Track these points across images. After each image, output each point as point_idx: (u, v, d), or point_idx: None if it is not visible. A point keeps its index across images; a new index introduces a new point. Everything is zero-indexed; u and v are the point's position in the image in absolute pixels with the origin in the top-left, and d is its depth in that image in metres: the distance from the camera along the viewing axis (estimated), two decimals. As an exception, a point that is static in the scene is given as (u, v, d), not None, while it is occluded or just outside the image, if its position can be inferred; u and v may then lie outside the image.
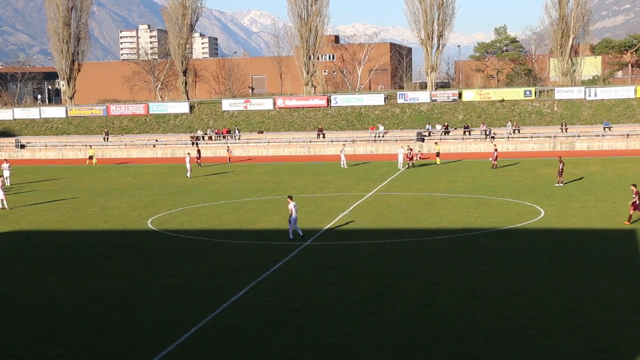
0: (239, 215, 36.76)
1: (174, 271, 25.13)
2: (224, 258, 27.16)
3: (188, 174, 55.57)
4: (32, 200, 44.83)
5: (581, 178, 47.82)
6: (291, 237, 29.68)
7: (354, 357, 16.48)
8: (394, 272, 24.09)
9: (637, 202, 31.64)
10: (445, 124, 79.19)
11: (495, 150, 56.92)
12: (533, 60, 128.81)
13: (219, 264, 26.07)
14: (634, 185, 32.39)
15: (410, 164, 57.69)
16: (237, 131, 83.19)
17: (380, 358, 16.35)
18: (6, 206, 41.48)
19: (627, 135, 71.74)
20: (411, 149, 59.26)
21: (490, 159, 56.21)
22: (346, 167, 59.41)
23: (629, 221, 31.66)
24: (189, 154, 58.96)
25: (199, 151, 66.55)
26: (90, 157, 72.25)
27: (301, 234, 29.94)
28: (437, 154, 61.91)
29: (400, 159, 58.22)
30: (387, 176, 52.52)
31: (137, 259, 27.40)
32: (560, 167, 44.82)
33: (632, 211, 31.79)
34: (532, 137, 73.87)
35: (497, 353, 16.41)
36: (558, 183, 44.57)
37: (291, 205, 29.56)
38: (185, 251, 28.65)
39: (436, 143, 65.75)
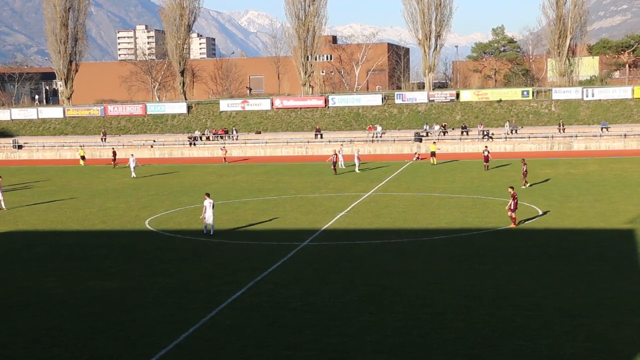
0: (237, 216, 36.75)
1: (171, 271, 25.12)
2: (221, 258, 27.15)
3: (133, 174, 57.11)
4: (30, 201, 44.79)
5: (547, 180, 47.58)
6: (208, 232, 31.47)
7: (352, 357, 16.48)
8: (391, 272, 24.08)
9: (514, 205, 31.44)
10: (443, 124, 79.23)
11: (486, 151, 56.31)
12: (530, 61, 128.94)
13: (216, 264, 26.06)
14: (512, 188, 32.46)
15: (336, 167, 55.22)
16: (234, 131, 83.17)
17: (378, 358, 16.34)
18: (4, 207, 41.42)
19: (625, 135, 71.84)
20: (336, 154, 56.72)
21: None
22: (344, 167, 59.39)
23: (514, 224, 31.47)
24: (132, 154, 60.72)
25: (114, 152, 68.23)
26: (83, 157, 72.24)
27: (210, 232, 31.38)
28: (433, 154, 61.49)
29: (341, 159, 58.91)
30: (384, 176, 52.54)
31: (135, 260, 27.38)
32: (524, 169, 44.43)
33: (512, 214, 31.55)
34: (529, 138, 73.96)
35: (495, 353, 16.41)
36: (524, 185, 44.15)
37: (205, 202, 31.24)
38: (183, 251, 28.63)
39: (434, 143, 65.41)
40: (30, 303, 21.67)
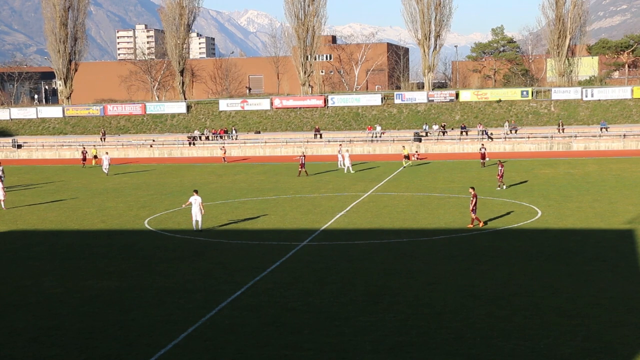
0: (236, 215, 36.76)
1: (170, 271, 25.11)
2: (220, 258, 27.14)
3: (106, 172, 59.27)
4: (29, 201, 44.78)
5: (526, 181, 47.43)
6: (198, 230, 32.30)
7: (351, 356, 16.48)
8: (390, 272, 24.08)
9: (474, 206, 31.50)
10: (443, 124, 79.27)
11: (483, 148, 56.92)
12: (530, 61, 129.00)
13: (215, 264, 26.05)
14: (472, 188, 32.47)
15: (302, 170, 54.30)
16: (234, 131, 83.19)
17: (377, 358, 16.34)
18: (3, 206, 41.40)
19: (624, 135, 71.87)
20: (304, 155, 56.09)
21: (482, 160, 56.57)
22: (343, 167, 59.38)
23: (472, 224, 31.56)
24: (107, 153, 62.34)
25: (84, 152, 69.18)
26: (95, 157, 71.08)
27: (198, 229, 32.29)
28: (407, 157, 60.52)
29: (340, 159, 58.96)
30: (384, 176, 52.56)
31: (134, 259, 27.37)
32: (501, 171, 43.87)
33: (473, 215, 31.63)
34: (528, 138, 73.97)
35: (493, 353, 16.41)
36: (499, 186, 43.83)
37: (191, 199, 32.52)
38: (182, 251, 28.63)
39: (403, 147, 64.21)
40: (29, 302, 21.67)
